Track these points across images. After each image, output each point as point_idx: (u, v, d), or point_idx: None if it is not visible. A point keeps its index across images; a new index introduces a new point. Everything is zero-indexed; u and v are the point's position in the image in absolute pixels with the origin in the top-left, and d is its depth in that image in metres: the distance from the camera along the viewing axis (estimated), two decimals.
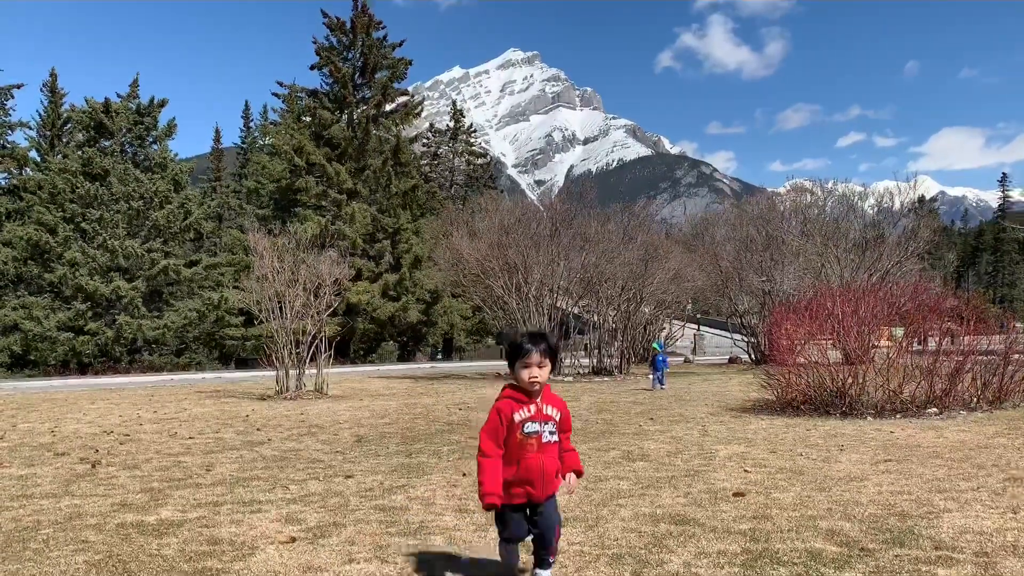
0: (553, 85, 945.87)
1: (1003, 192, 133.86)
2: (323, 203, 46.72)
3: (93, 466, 9.72)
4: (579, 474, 4.54)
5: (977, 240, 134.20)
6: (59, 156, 44.92)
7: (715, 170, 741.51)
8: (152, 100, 43.75)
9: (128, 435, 12.95)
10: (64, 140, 48.42)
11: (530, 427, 4.36)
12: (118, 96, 43.17)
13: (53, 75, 51.23)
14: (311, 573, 5.02)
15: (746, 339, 39.59)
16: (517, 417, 4.34)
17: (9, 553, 5.65)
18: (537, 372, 4.32)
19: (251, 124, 70.33)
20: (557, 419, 4.47)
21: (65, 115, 48.58)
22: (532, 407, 4.36)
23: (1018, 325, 31.87)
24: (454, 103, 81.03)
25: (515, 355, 4.36)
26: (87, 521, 6.67)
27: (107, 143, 41.61)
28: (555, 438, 4.45)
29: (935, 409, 13.73)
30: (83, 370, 39.07)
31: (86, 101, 42.68)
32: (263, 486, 8.23)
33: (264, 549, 5.63)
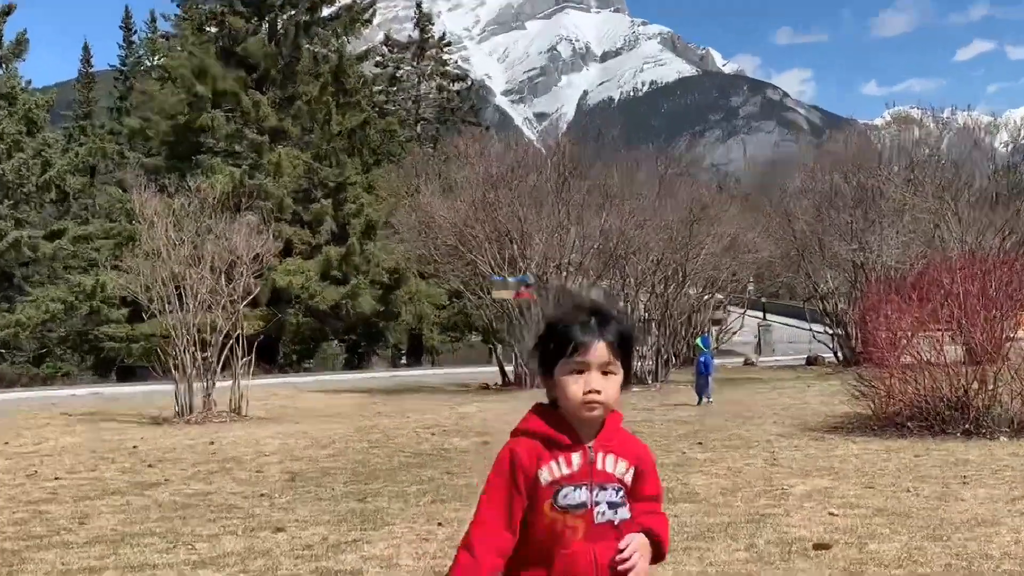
0: None
1: None
2: (237, 148, 47.93)
3: None
4: (659, 550, 3.30)
5: None
6: None
7: (786, 95, 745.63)
8: None
9: None
10: None
11: (570, 496, 3.11)
12: None
13: None
14: None
15: (831, 331, 39.95)
16: (544, 476, 3.09)
17: None
18: (600, 384, 3.10)
19: (134, 39, 71.27)
20: (627, 479, 3.20)
21: None
22: (576, 457, 3.10)
23: None
24: (419, 5, 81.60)
25: (559, 348, 3.14)
26: None
27: None
28: (622, 515, 3.19)
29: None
30: None
31: None
32: (159, 544, 8.40)
33: None
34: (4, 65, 44.92)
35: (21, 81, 45.43)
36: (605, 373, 3.07)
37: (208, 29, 50.92)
